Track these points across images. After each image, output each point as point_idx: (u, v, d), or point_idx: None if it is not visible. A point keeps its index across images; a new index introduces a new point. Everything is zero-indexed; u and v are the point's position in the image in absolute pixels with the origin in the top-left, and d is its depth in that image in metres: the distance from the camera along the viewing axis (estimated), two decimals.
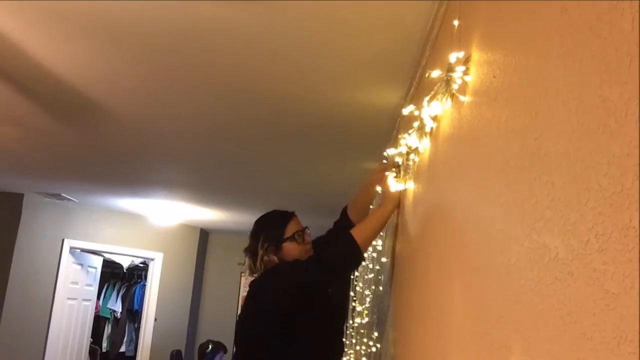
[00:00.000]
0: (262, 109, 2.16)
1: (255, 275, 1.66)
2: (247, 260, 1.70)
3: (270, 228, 1.68)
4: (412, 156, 1.45)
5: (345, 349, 2.70)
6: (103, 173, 3.64)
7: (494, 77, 0.77)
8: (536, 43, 0.63)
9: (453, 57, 0.94)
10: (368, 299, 2.48)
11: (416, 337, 1.20)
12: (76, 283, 5.13)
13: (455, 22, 1.02)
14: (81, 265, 5.22)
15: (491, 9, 0.85)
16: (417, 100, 1.44)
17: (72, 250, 4.97)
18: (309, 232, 1.73)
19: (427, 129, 1.22)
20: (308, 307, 1.53)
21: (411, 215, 1.45)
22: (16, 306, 4.40)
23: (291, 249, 1.65)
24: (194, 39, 1.58)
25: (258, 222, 1.73)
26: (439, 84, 1.03)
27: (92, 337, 5.75)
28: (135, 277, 6.61)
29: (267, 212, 1.76)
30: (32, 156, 3.17)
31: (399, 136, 1.74)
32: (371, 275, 2.44)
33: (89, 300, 5.45)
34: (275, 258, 1.63)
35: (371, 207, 1.97)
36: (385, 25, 1.42)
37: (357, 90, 1.90)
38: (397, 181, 1.58)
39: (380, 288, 2.07)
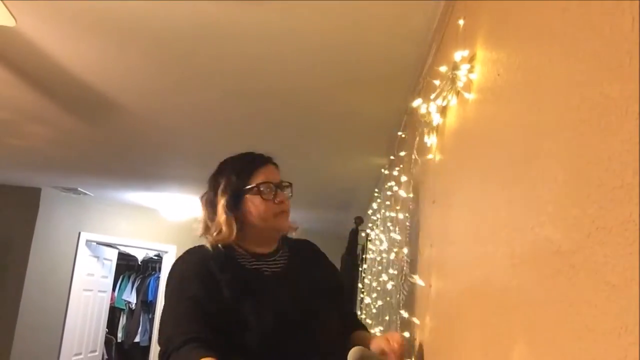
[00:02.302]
0: (272, 105, 2.18)
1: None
2: (202, 214, 1.24)
3: (233, 172, 1.22)
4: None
5: None
6: (118, 168, 3.70)
7: (498, 74, 0.78)
8: (539, 42, 0.63)
9: (458, 55, 0.95)
10: (375, 294, 2.49)
11: (423, 329, 1.21)
12: (92, 275, 5.23)
13: (461, 22, 1.03)
14: (97, 257, 5.31)
15: (495, 9, 0.85)
16: (423, 98, 1.45)
17: (88, 243, 5.06)
18: (288, 191, 1.26)
19: (434, 125, 1.24)
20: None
21: (419, 211, 1.46)
22: (34, 297, 4.51)
23: (254, 207, 1.20)
24: (207, 40, 1.60)
25: (222, 163, 1.28)
26: (444, 82, 1.04)
27: (107, 328, 5.86)
28: (150, 269, 6.70)
29: (240, 153, 1.29)
30: (49, 152, 3.23)
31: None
32: (379, 268, 2.45)
33: (105, 291, 5.55)
34: (230, 220, 1.18)
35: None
36: (393, 24, 1.43)
37: (365, 87, 1.91)
38: None
39: (385, 277, 2.08)
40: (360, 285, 3.42)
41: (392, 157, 2.29)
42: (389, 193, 2.20)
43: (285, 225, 1.26)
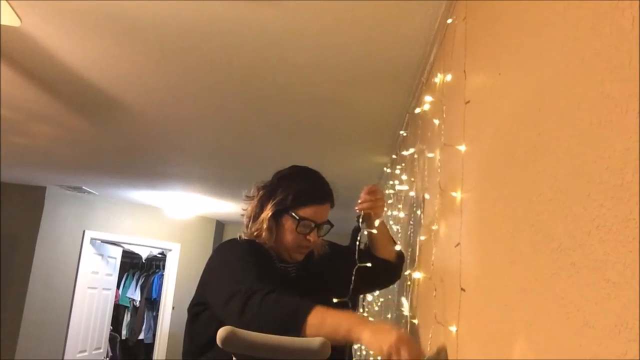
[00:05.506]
0: (276, 105, 2.18)
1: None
2: (249, 209, 1.34)
3: (291, 193, 1.29)
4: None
5: None
6: (122, 167, 3.71)
7: (500, 74, 0.78)
8: (540, 41, 0.64)
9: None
10: (377, 292, 2.49)
11: (426, 326, 1.22)
12: (96, 273, 5.25)
13: (462, 22, 1.03)
14: (101, 255, 5.33)
15: (496, 9, 0.86)
16: (423, 99, 1.45)
17: (93, 241, 5.08)
18: (323, 231, 1.35)
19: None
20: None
21: (425, 208, 1.46)
22: (39, 295, 4.53)
23: (287, 229, 1.29)
24: (210, 38, 1.61)
25: (292, 174, 1.35)
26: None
27: (112, 325, 5.89)
28: (154, 267, 6.73)
29: (314, 174, 1.36)
30: (54, 151, 3.25)
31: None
32: None
33: (109, 289, 5.58)
34: (272, 226, 1.28)
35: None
36: (395, 24, 1.44)
37: (367, 87, 1.91)
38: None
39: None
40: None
41: (394, 156, 2.29)
42: (391, 191, 2.21)
43: (299, 258, 1.35)
